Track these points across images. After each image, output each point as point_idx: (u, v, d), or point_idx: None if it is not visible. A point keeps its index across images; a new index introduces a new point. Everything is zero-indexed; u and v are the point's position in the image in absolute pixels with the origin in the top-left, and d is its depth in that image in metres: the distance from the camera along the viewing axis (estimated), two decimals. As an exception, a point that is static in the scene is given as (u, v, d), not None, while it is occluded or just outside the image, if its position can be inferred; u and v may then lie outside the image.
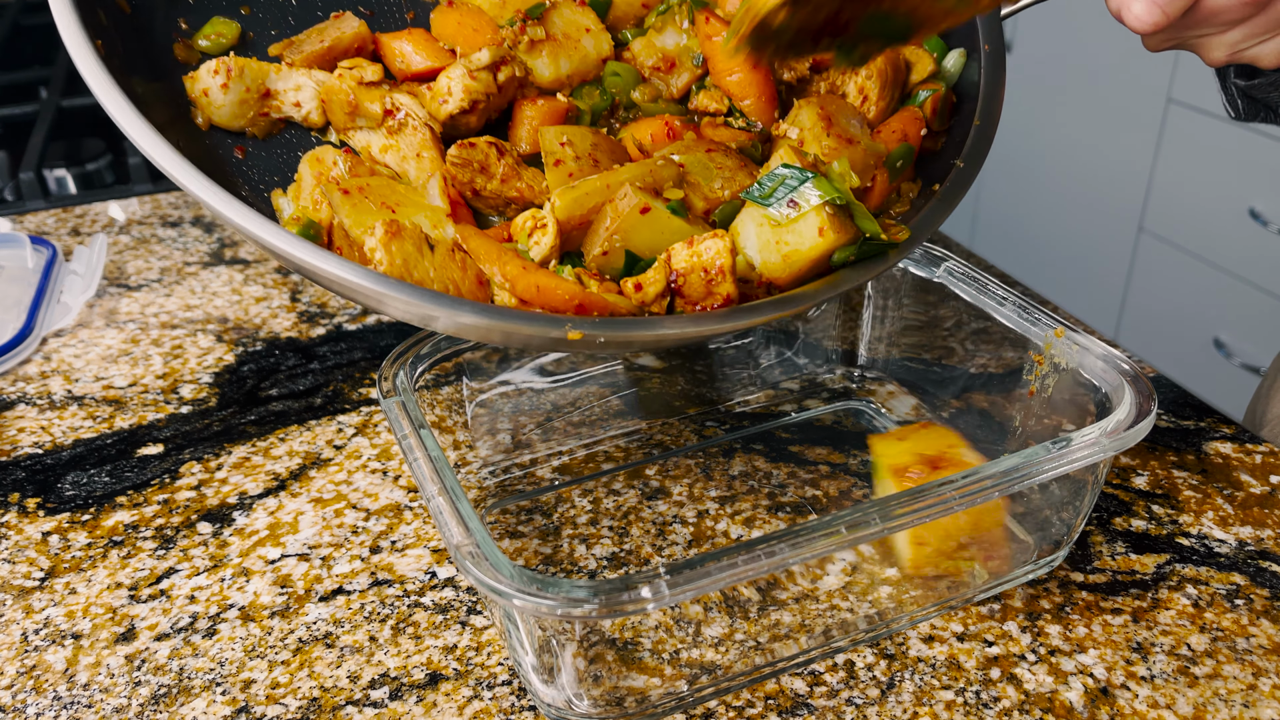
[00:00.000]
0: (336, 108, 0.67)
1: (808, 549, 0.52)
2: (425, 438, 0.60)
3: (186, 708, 0.59)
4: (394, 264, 0.56)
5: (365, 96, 0.67)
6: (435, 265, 0.58)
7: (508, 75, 0.66)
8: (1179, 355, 2.18)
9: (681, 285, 0.59)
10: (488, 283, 0.60)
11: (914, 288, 0.80)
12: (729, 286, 0.59)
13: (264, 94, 0.68)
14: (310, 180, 0.65)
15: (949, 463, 0.65)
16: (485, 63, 0.65)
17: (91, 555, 0.70)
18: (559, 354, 0.80)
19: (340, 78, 0.68)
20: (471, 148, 0.64)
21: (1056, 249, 2.45)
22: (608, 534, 0.71)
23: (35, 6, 1.87)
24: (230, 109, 0.67)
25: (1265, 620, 0.64)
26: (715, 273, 0.58)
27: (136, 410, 0.85)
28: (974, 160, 0.69)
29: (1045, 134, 2.40)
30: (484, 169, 0.64)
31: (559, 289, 0.57)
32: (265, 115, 0.69)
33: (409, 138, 0.66)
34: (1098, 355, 0.66)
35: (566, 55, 0.68)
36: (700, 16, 0.70)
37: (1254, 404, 0.93)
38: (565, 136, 0.64)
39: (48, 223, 1.16)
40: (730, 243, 0.59)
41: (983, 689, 0.59)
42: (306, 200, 0.64)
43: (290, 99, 0.69)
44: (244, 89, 0.67)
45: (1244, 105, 0.77)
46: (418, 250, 0.57)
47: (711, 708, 0.59)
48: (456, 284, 0.58)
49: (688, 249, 0.59)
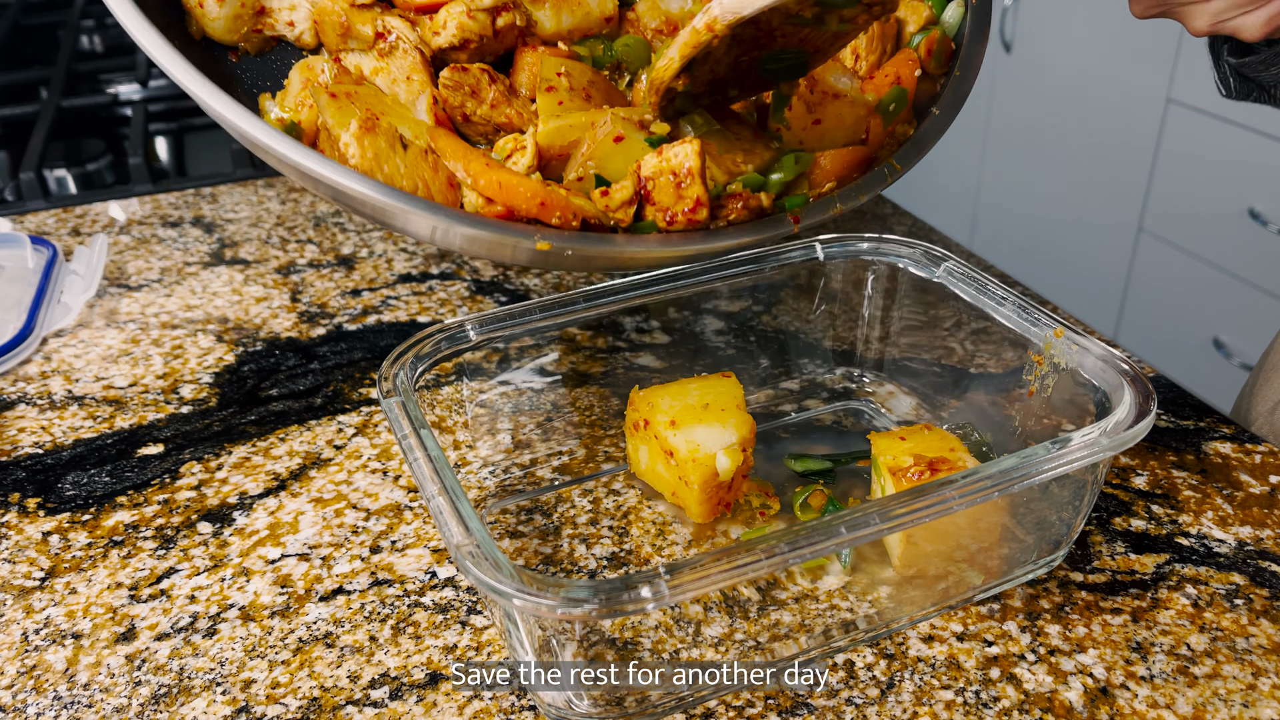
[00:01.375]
0: (329, 28, 0.67)
1: (807, 549, 0.52)
2: (425, 437, 0.60)
3: (187, 708, 0.59)
4: (365, 156, 0.57)
5: (357, 18, 0.67)
6: (406, 163, 0.59)
7: (507, 21, 0.66)
8: (1178, 355, 2.18)
9: (651, 190, 0.60)
10: (459, 186, 0.61)
11: (914, 288, 0.80)
12: (698, 188, 0.59)
13: (259, 10, 0.68)
14: (299, 85, 0.66)
15: (948, 465, 0.65)
16: (486, 5, 0.65)
17: (92, 555, 0.70)
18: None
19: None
20: (464, 72, 0.65)
21: (1056, 249, 2.45)
22: (608, 534, 0.71)
23: (35, 6, 1.87)
24: (224, 22, 0.67)
25: (1265, 620, 0.64)
26: (684, 175, 0.59)
27: (137, 410, 0.85)
28: (949, 109, 0.70)
29: (1045, 134, 2.40)
30: (475, 93, 0.65)
31: (520, 185, 0.58)
32: (259, 32, 0.69)
33: (399, 60, 0.66)
34: (1097, 355, 0.66)
35: (569, 10, 0.68)
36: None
37: (1239, 402, 0.94)
38: (564, 68, 0.65)
39: (48, 223, 1.16)
40: (699, 146, 0.59)
41: (982, 689, 0.59)
42: (292, 102, 0.65)
43: (284, 17, 0.69)
44: (239, 4, 0.67)
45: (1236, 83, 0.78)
46: (390, 146, 0.59)
47: (711, 707, 0.59)
48: (426, 183, 0.59)
49: (657, 156, 0.60)
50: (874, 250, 0.80)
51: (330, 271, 1.05)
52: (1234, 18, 0.65)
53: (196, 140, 1.49)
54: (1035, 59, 2.37)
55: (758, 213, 0.62)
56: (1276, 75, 0.74)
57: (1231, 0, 0.64)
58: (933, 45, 0.70)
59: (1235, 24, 0.65)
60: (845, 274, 0.82)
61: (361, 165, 0.57)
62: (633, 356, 0.88)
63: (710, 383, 0.72)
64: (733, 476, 0.68)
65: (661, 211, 0.60)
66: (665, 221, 0.60)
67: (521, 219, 0.59)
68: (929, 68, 0.70)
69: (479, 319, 0.71)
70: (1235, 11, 0.64)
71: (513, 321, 0.72)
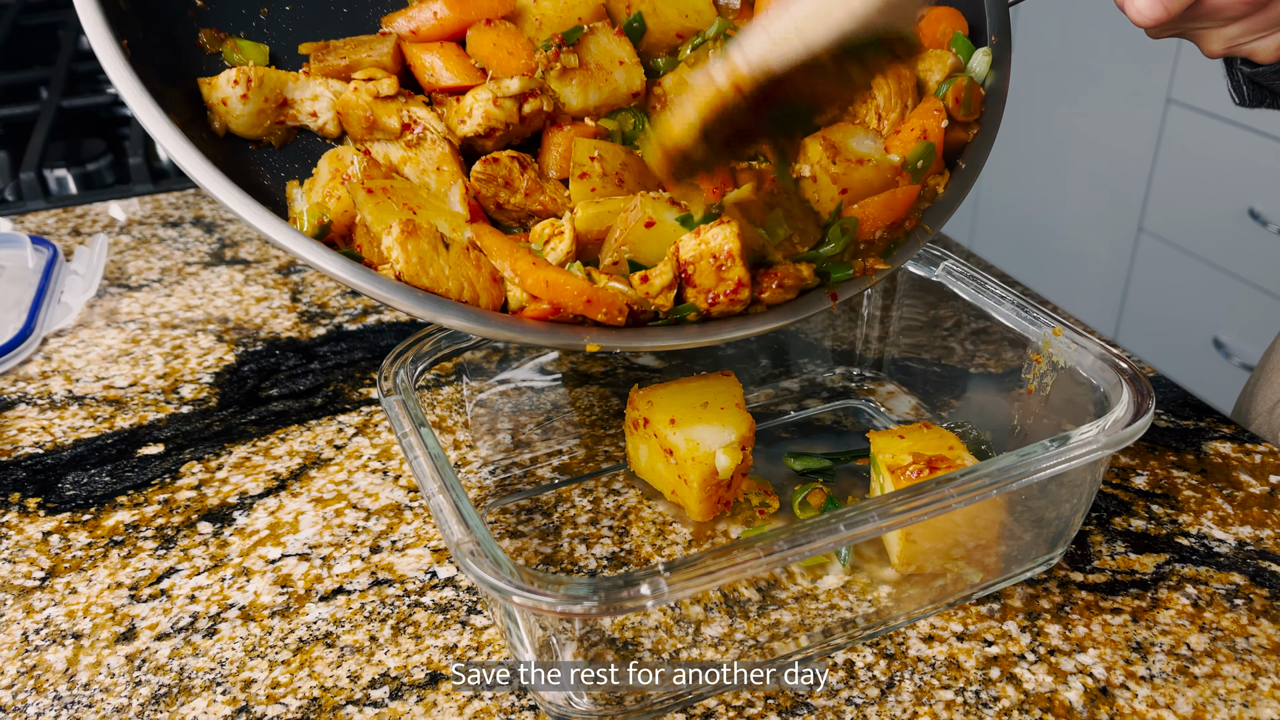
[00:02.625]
0: (354, 121, 0.67)
1: (806, 547, 0.52)
2: (425, 436, 0.60)
3: (187, 707, 0.59)
4: (410, 261, 0.57)
5: (382, 111, 0.66)
6: (450, 263, 0.58)
7: (534, 108, 0.66)
8: (1179, 355, 2.18)
9: (692, 274, 0.59)
10: (502, 281, 0.60)
11: (913, 287, 0.80)
12: (739, 270, 0.59)
13: (281, 103, 0.68)
14: (327, 175, 0.65)
15: (947, 463, 0.65)
16: (513, 91, 0.65)
17: (92, 555, 0.70)
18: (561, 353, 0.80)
19: (356, 90, 0.67)
20: (495, 163, 0.65)
21: (1056, 249, 2.45)
22: (608, 534, 0.71)
23: (35, 6, 1.87)
24: (248, 118, 0.66)
25: (1265, 620, 0.64)
26: (724, 257, 0.59)
27: (137, 410, 0.85)
28: (975, 160, 0.69)
29: (1045, 134, 2.40)
30: (508, 184, 0.65)
31: (567, 284, 0.58)
32: (281, 123, 0.68)
33: (428, 151, 0.66)
34: (1095, 354, 0.66)
35: (597, 86, 0.68)
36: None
37: (1240, 402, 0.94)
38: (597, 151, 0.65)
39: (48, 223, 1.16)
40: (737, 228, 0.59)
41: (982, 689, 0.59)
42: (319, 194, 0.64)
43: (307, 109, 0.68)
44: (263, 99, 0.66)
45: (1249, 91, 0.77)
46: (433, 248, 0.58)
47: (711, 707, 0.59)
48: (471, 281, 0.59)
49: (694, 239, 0.59)
50: (874, 250, 0.80)
51: (330, 271, 1.05)
52: (1249, 42, 0.64)
53: (197, 140, 1.49)
54: (1035, 59, 2.37)
55: (797, 288, 0.62)
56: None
57: (1246, 25, 0.63)
58: (960, 93, 0.68)
59: (1250, 47, 0.64)
60: (845, 274, 0.82)
61: (406, 271, 0.57)
62: (633, 356, 0.88)
63: (709, 382, 0.72)
64: (732, 475, 0.68)
65: (704, 293, 0.60)
66: (707, 303, 0.60)
67: (568, 316, 0.59)
68: (957, 115, 0.69)
69: (479, 319, 0.71)
70: (1250, 37, 0.64)
71: (513, 321, 0.72)
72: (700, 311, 0.61)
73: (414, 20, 0.68)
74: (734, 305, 0.60)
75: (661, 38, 0.72)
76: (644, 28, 0.71)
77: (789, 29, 0.52)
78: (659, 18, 0.71)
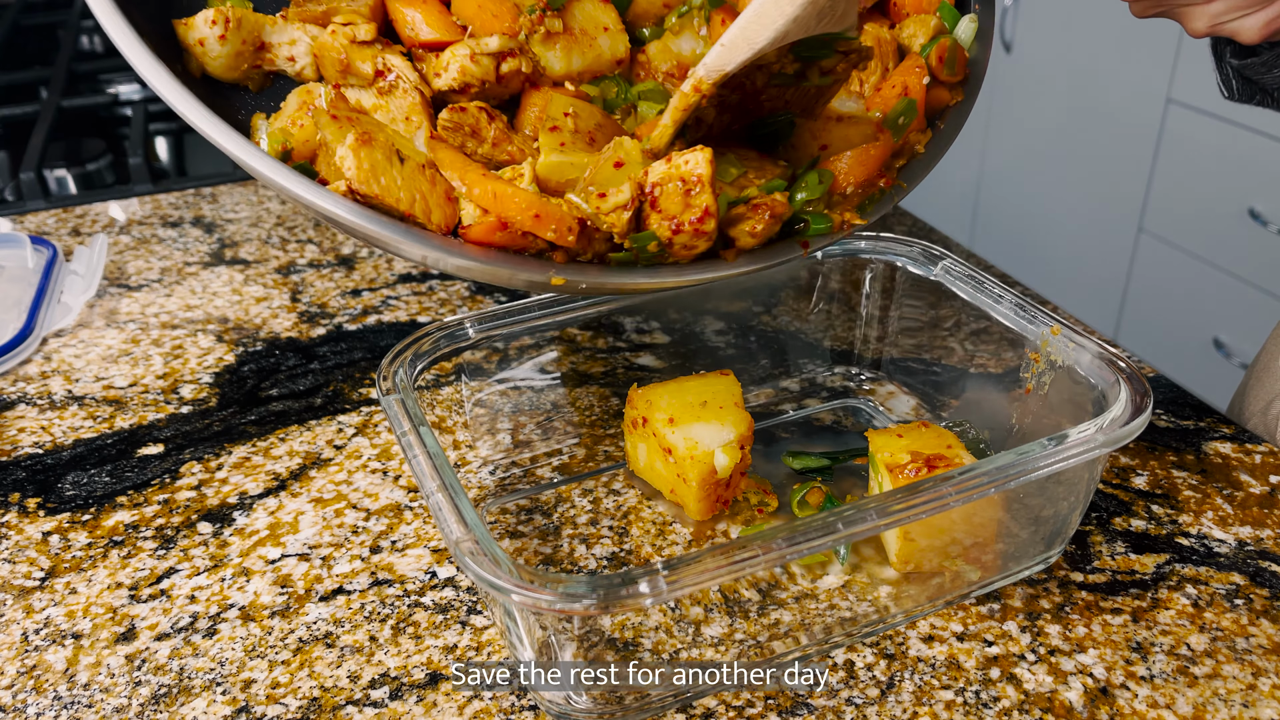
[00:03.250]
0: (328, 64, 0.67)
1: (805, 545, 0.52)
2: (425, 435, 0.60)
3: (187, 708, 0.59)
4: (361, 168, 0.56)
5: (357, 55, 0.66)
6: (404, 175, 0.58)
7: (512, 68, 0.65)
8: (1178, 355, 2.18)
9: (658, 197, 0.58)
10: (457, 201, 0.60)
11: (912, 286, 0.80)
12: (707, 197, 0.57)
13: (259, 46, 0.68)
14: (294, 106, 0.65)
15: (946, 462, 0.65)
16: (491, 49, 0.64)
17: (92, 555, 0.70)
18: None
19: (333, 34, 0.67)
20: (462, 111, 0.64)
21: (1056, 249, 2.45)
22: (608, 534, 0.71)
23: (35, 6, 1.87)
24: (225, 60, 0.66)
25: (1265, 620, 0.64)
26: (694, 182, 0.57)
27: (137, 410, 0.85)
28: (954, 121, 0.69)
29: (1045, 134, 2.40)
30: (475, 133, 0.64)
31: (515, 196, 0.57)
32: (258, 68, 0.68)
33: (399, 100, 0.65)
34: (1093, 353, 0.66)
35: (580, 52, 0.67)
36: (717, 18, 0.69)
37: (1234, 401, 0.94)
38: (573, 108, 0.64)
39: (48, 223, 1.16)
40: (711, 155, 0.57)
41: (982, 689, 0.59)
42: (285, 121, 0.64)
43: (284, 53, 0.68)
44: (240, 40, 0.66)
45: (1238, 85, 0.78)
46: (387, 159, 0.58)
47: (711, 707, 0.59)
48: (424, 195, 0.58)
49: (666, 163, 0.58)
50: (872, 249, 0.80)
51: (330, 271, 1.05)
52: (1233, 20, 0.65)
53: (197, 140, 1.49)
54: (1035, 59, 2.37)
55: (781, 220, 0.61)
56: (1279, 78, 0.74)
57: (1231, 2, 0.64)
58: (944, 53, 0.69)
59: (1234, 26, 0.65)
60: (844, 273, 0.82)
61: (357, 177, 0.57)
62: (633, 356, 0.88)
63: (708, 381, 0.72)
64: (731, 474, 0.68)
65: (668, 220, 0.59)
66: (670, 230, 0.59)
67: (527, 247, 0.58)
68: (941, 75, 0.69)
69: (478, 317, 0.71)
70: (1235, 14, 0.64)
71: (512, 320, 0.72)
72: (661, 242, 0.59)
73: None
74: (698, 238, 0.59)
75: (649, 7, 0.72)
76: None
77: (737, 35, 0.56)
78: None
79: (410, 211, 0.58)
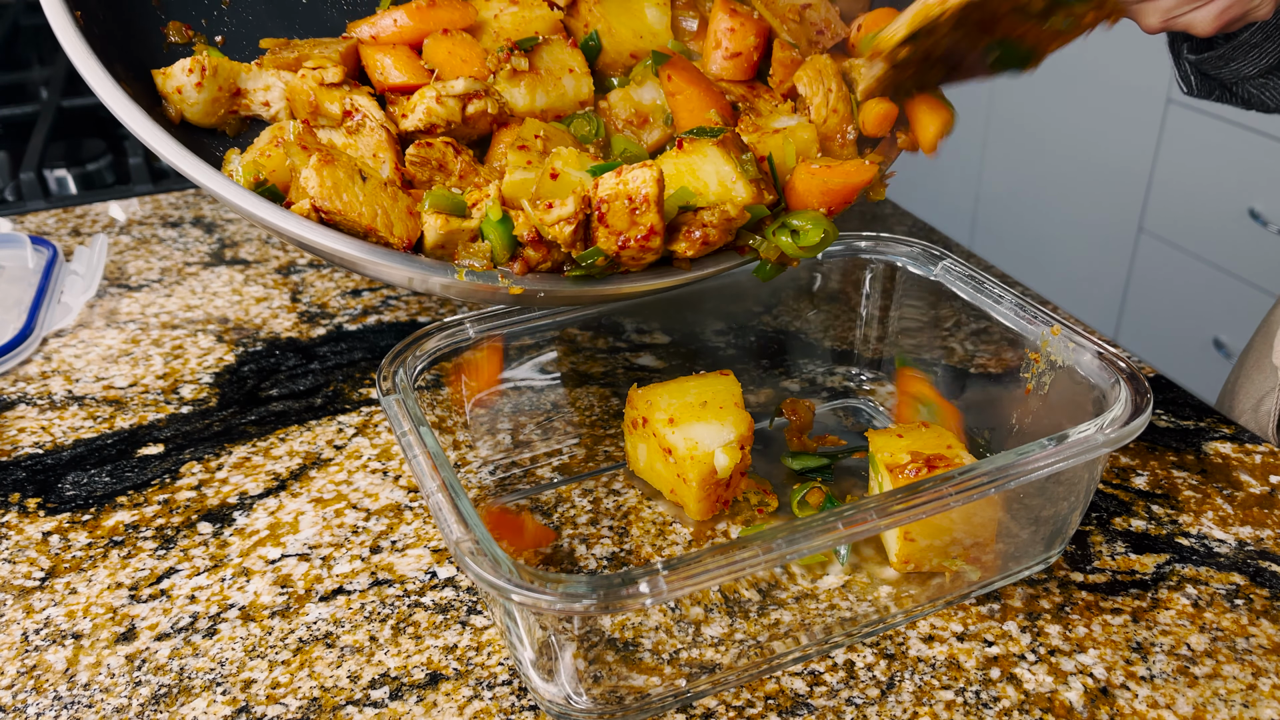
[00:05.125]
0: (299, 106, 0.70)
1: (805, 545, 0.52)
2: (424, 434, 0.60)
3: (187, 708, 0.59)
4: (324, 185, 0.59)
5: (325, 96, 0.69)
6: (365, 192, 0.60)
7: (479, 109, 0.67)
8: (1179, 355, 2.18)
9: (605, 213, 0.59)
10: (418, 215, 0.62)
11: (912, 286, 0.80)
12: (653, 216, 0.58)
13: (235, 92, 0.71)
14: (266, 140, 0.67)
15: (945, 462, 0.65)
16: (457, 92, 0.66)
17: (92, 555, 0.70)
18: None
19: (303, 77, 0.69)
20: (429, 147, 0.66)
21: (1056, 249, 2.45)
22: (608, 534, 0.71)
23: (35, 7, 1.87)
24: (203, 106, 0.69)
25: (1265, 620, 0.64)
26: (640, 201, 0.58)
27: (137, 410, 0.85)
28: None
29: (1045, 134, 2.40)
30: (442, 167, 0.66)
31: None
32: (234, 113, 0.71)
33: (366, 138, 0.67)
34: (1093, 353, 0.66)
35: (545, 89, 0.69)
36: (664, 74, 0.71)
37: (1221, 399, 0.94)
38: (543, 131, 0.65)
39: (48, 223, 1.16)
40: (659, 173, 0.58)
41: (982, 689, 0.59)
42: (255, 154, 0.66)
43: (259, 98, 0.71)
44: (217, 88, 0.69)
45: (1196, 81, 0.78)
46: (349, 177, 0.60)
47: (711, 707, 0.59)
48: (386, 210, 0.60)
49: (616, 177, 0.59)
50: (872, 249, 0.80)
51: (330, 271, 1.05)
52: (1185, 13, 0.64)
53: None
54: (1035, 59, 2.37)
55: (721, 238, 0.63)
56: (1236, 71, 0.74)
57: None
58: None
59: (1187, 19, 0.65)
60: (844, 273, 0.82)
61: (320, 194, 0.59)
62: (633, 356, 0.88)
63: (708, 381, 0.72)
64: (731, 474, 0.68)
65: (615, 235, 0.59)
66: (617, 245, 0.59)
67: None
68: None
69: (478, 317, 0.71)
70: (1186, 7, 0.64)
71: (512, 320, 0.72)
72: (608, 256, 0.60)
73: (375, 27, 0.72)
74: (644, 253, 0.60)
75: (616, 58, 0.74)
76: (600, 46, 0.73)
77: None
78: (614, 38, 0.73)
79: (372, 225, 0.60)
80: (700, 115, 0.69)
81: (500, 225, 0.61)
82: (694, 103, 0.70)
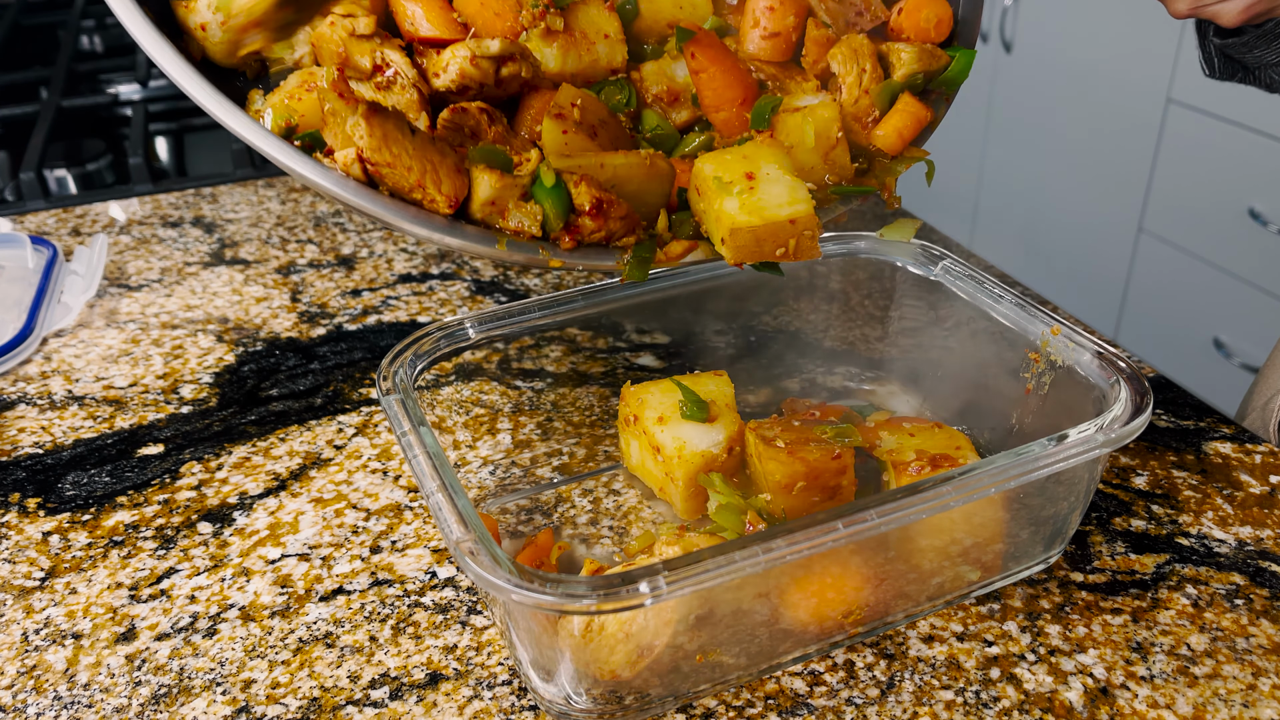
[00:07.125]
0: (326, 55, 0.66)
1: (806, 545, 0.52)
2: (424, 434, 0.60)
3: (187, 708, 0.59)
4: (374, 135, 0.58)
5: (355, 48, 0.66)
6: (415, 145, 0.59)
7: (511, 71, 0.65)
8: (1179, 355, 2.18)
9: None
10: (467, 173, 0.61)
11: (912, 286, 0.80)
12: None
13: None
14: (295, 84, 0.65)
15: (950, 463, 0.65)
16: (493, 52, 0.64)
17: (92, 555, 0.70)
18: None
19: (332, 25, 0.66)
20: (463, 113, 0.64)
21: (1056, 249, 2.45)
22: (608, 534, 0.71)
23: (35, 6, 1.87)
24: (225, 45, 0.66)
25: (1265, 620, 0.64)
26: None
27: (137, 410, 0.85)
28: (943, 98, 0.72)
29: (1045, 134, 2.40)
30: (475, 134, 0.64)
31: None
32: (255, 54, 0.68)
33: (396, 96, 0.65)
34: (1093, 353, 0.66)
35: (578, 54, 0.67)
36: (688, 50, 0.69)
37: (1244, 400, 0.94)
38: (580, 99, 0.64)
39: (48, 223, 1.16)
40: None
41: (982, 689, 0.59)
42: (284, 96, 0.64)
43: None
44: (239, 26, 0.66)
45: (1220, 64, 0.78)
46: (399, 130, 0.58)
47: (711, 707, 0.59)
48: (435, 165, 0.59)
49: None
50: (872, 249, 0.80)
51: (330, 271, 1.05)
52: (1214, 3, 0.66)
53: (196, 140, 1.49)
54: (1035, 58, 2.37)
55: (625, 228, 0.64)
56: (1260, 57, 0.75)
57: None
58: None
59: (1214, 9, 0.66)
60: (844, 273, 0.82)
61: (369, 145, 0.57)
62: (633, 356, 0.88)
63: (701, 381, 0.72)
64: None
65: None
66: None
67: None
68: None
69: (478, 317, 0.71)
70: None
71: (512, 320, 0.72)
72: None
73: None
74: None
75: (653, 24, 0.72)
76: (637, 11, 0.71)
77: None
78: (653, 4, 0.71)
79: (421, 181, 0.58)
80: (724, 96, 0.68)
81: (554, 192, 0.61)
82: (718, 82, 0.68)
